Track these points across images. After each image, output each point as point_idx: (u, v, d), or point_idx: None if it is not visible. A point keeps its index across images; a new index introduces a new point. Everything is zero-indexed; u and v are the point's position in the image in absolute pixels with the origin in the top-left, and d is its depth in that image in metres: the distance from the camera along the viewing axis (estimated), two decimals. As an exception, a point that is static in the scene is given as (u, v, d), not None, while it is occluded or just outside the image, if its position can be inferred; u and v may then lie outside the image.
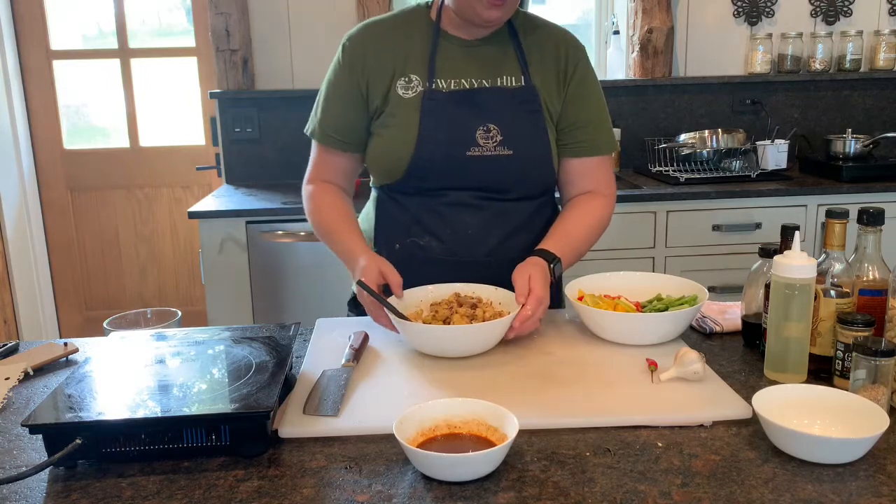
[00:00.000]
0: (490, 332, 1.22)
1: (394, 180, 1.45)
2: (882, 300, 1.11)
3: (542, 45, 1.48)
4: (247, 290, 2.78)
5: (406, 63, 1.42)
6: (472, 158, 1.40)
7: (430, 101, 1.40)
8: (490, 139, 1.40)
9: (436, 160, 1.40)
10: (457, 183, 1.42)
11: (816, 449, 0.91)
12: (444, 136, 1.39)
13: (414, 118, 1.39)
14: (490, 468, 0.89)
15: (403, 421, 0.93)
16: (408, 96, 1.41)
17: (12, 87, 3.43)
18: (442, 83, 1.41)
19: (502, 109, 1.42)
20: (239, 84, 3.21)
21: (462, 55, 1.44)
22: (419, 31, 1.45)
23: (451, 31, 1.44)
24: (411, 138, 1.39)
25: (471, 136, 1.40)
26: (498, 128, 1.40)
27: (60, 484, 0.90)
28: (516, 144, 1.41)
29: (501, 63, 1.44)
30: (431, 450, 0.91)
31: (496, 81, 1.43)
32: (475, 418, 0.97)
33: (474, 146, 1.40)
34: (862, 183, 2.86)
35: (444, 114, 1.40)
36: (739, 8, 3.33)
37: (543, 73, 1.46)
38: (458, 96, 1.41)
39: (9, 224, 3.35)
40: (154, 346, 1.18)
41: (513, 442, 0.89)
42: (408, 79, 1.41)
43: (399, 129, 1.41)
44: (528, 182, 1.46)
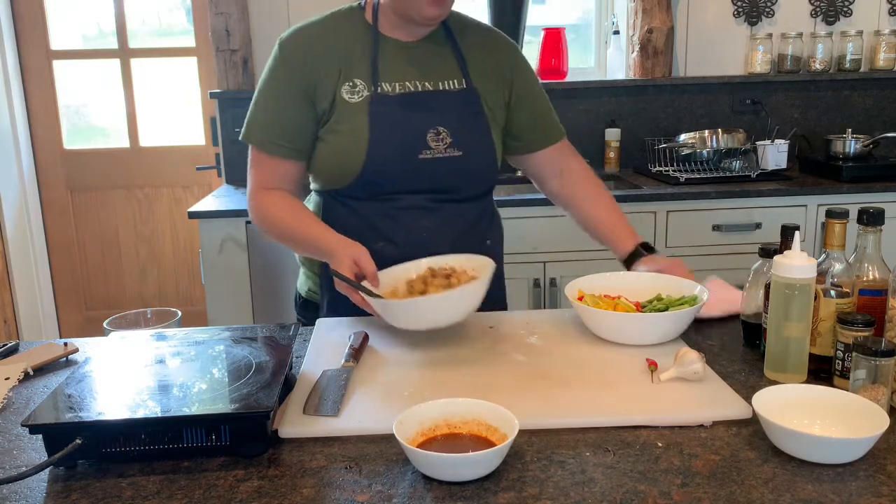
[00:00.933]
0: (467, 298, 1.22)
1: (343, 185, 1.43)
2: (882, 300, 1.11)
3: (479, 46, 1.50)
4: (247, 290, 2.78)
5: (349, 66, 1.41)
6: (424, 161, 1.41)
7: (378, 105, 1.40)
8: (441, 141, 1.41)
9: (388, 164, 1.40)
10: (410, 186, 1.43)
11: (816, 449, 0.91)
12: (395, 140, 1.40)
13: (363, 123, 1.39)
14: (490, 468, 0.89)
15: (403, 421, 0.93)
16: (354, 101, 1.40)
17: (12, 87, 3.43)
18: (387, 86, 1.41)
19: (449, 111, 1.43)
20: (239, 84, 3.21)
21: (403, 58, 1.44)
22: (357, 34, 1.44)
23: (388, 34, 1.44)
24: (362, 143, 1.38)
25: (422, 139, 1.40)
26: (447, 130, 1.41)
27: (60, 484, 0.90)
28: (465, 146, 1.43)
29: (441, 65, 1.45)
30: (431, 450, 0.91)
31: (438, 84, 1.44)
32: (475, 418, 0.97)
33: (426, 149, 1.40)
34: (862, 183, 2.87)
35: (394, 117, 1.40)
36: (739, 8, 3.34)
37: (483, 74, 1.48)
38: (405, 99, 1.41)
39: (9, 224, 3.35)
40: (154, 346, 1.18)
41: (513, 442, 0.89)
42: (352, 83, 1.41)
43: (348, 135, 1.39)
44: (477, 182, 1.49)
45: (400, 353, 1.26)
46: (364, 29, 1.44)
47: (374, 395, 1.10)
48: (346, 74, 1.41)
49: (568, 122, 3.34)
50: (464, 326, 1.37)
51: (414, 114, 1.41)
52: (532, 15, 3.31)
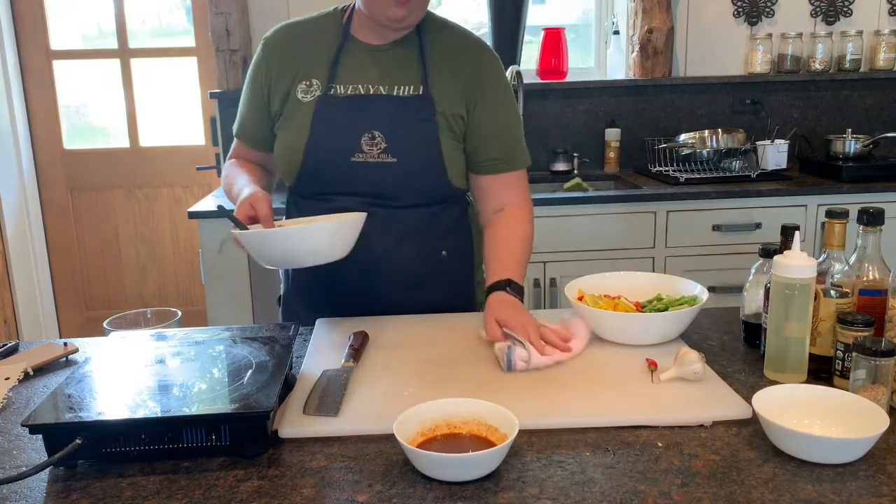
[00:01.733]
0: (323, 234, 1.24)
1: (290, 182, 1.49)
2: (882, 300, 1.11)
3: (450, 51, 1.45)
4: (247, 290, 2.78)
5: (310, 67, 1.43)
6: (356, 164, 1.41)
7: (325, 105, 1.41)
8: (374, 146, 1.40)
9: (323, 165, 1.42)
10: (346, 188, 1.43)
11: (816, 449, 0.91)
12: (331, 142, 1.41)
13: (306, 122, 1.41)
14: (490, 468, 0.89)
15: (403, 421, 0.93)
16: (305, 100, 1.42)
17: (12, 87, 3.43)
18: (340, 88, 1.42)
19: (390, 117, 1.40)
20: (239, 84, 3.21)
21: (366, 61, 1.44)
22: (328, 36, 1.46)
23: (360, 37, 1.45)
24: (302, 142, 1.41)
25: (356, 143, 1.40)
26: (383, 135, 1.40)
27: (60, 484, 0.90)
28: (401, 152, 1.40)
29: (402, 70, 1.43)
30: (431, 450, 0.91)
31: (392, 89, 1.42)
32: (475, 418, 0.97)
33: (359, 152, 1.41)
34: (862, 183, 2.86)
35: (335, 119, 1.41)
36: (739, 8, 3.33)
37: (446, 81, 1.43)
38: (350, 102, 1.41)
39: (9, 224, 3.35)
40: (154, 346, 1.18)
41: (513, 442, 0.89)
42: (308, 82, 1.43)
43: (293, 132, 1.43)
44: (418, 190, 1.44)
45: (400, 353, 1.26)
46: (336, 30, 1.46)
47: (374, 395, 1.10)
48: (305, 74, 1.43)
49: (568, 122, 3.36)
50: (464, 327, 1.37)
51: (354, 117, 1.41)
52: (532, 15, 3.30)
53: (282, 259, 1.25)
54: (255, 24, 3.24)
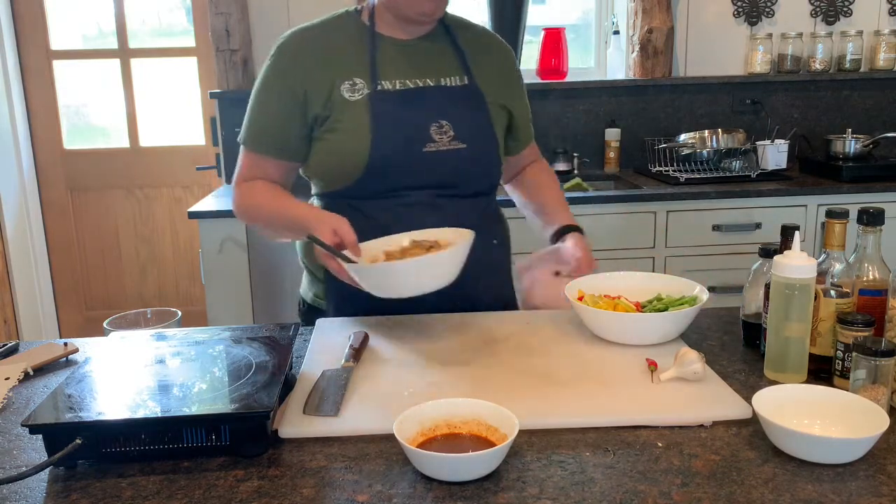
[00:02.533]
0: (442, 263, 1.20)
1: (347, 184, 1.42)
2: (882, 300, 1.11)
3: (478, 46, 1.52)
4: (247, 290, 2.78)
5: (347, 67, 1.42)
6: (428, 154, 1.40)
7: (379, 101, 1.40)
8: (444, 134, 1.41)
9: (393, 158, 1.39)
10: (415, 181, 1.42)
11: (816, 449, 0.91)
12: (398, 134, 1.39)
13: (364, 119, 1.39)
14: (490, 468, 0.89)
15: (403, 421, 0.93)
16: (354, 99, 1.40)
17: (12, 87, 3.43)
18: (387, 84, 1.42)
19: (450, 106, 1.44)
20: (239, 84, 3.21)
21: (402, 56, 1.44)
22: (353, 36, 1.45)
23: (386, 34, 1.45)
24: (364, 139, 1.38)
25: (425, 132, 1.40)
26: (449, 123, 1.42)
27: (60, 484, 0.90)
28: (469, 138, 1.43)
29: (441, 63, 1.46)
30: (431, 450, 0.91)
31: (439, 80, 1.45)
32: (475, 418, 0.97)
33: (430, 142, 1.40)
34: (862, 183, 2.87)
35: (396, 112, 1.40)
36: (739, 8, 3.34)
37: (485, 72, 1.49)
38: (406, 95, 1.42)
39: (9, 224, 3.35)
40: (154, 346, 1.18)
41: (513, 442, 0.89)
42: (352, 82, 1.41)
43: (350, 132, 1.40)
44: (480, 176, 1.49)
45: (400, 353, 1.26)
46: (360, 30, 1.45)
47: (374, 395, 1.10)
48: (345, 74, 1.41)
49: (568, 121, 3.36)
50: (464, 327, 1.37)
51: (416, 108, 1.41)
52: (532, 15, 3.31)
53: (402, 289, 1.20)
54: (255, 24, 3.25)
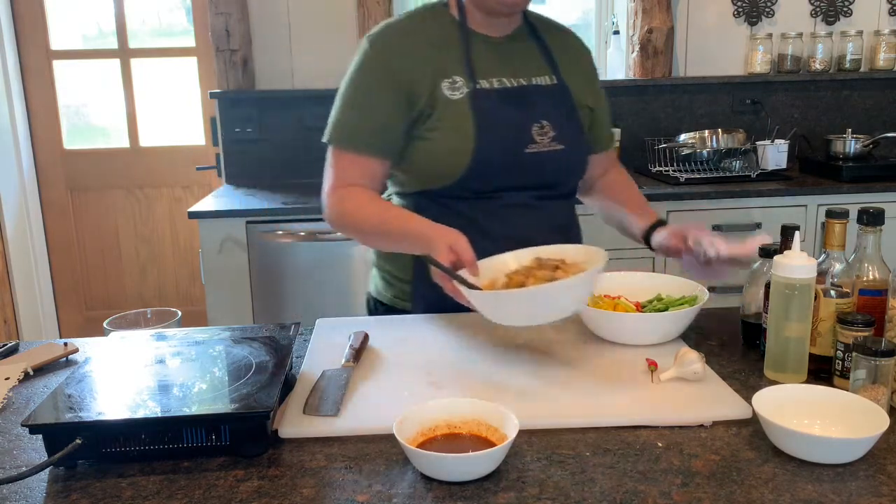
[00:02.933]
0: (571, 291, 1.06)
1: (445, 184, 1.40)
2: (882, 300, 1.11)
3: (562, 45, 1.52)
4: (247, 290, 2.78)
5: (446, 64, 1.39)
6: (529, 155, 1.40)
7: (481, 100, 1.38)
8: (544, 135, 1.41)
9: (495, 159, 1.38)
10: (514, 182, 1.41)
11: (816, 449, 0.91)
12: (501, 135, 1.38)
13: (467, 119, 1.37)
14: (490, 468, 0.89)
15: (403, 421, 0.93)
16: (455, 97, 1.38)
17: (12, 87, 3.43)
18: (484, 83, 1.40)
19: (548, 106, 1.43)
20: (239, 84, 3.21)
21: (494, 54, 1.43)
22: (447, 31, 1.43)
23: (477, 30, 1.43)
24: (468, 139, 1.36)
25: (527, 133, 1.40)
26: (550, 123, 1.42)
27: (60, 484, 0.90)
28: (566, 139, 1.44)
29: (531, 62, 1.46)
30: (431, 450, 0.91)
31: (532, 80, 1.44)
32: (475, 418, 0.97)
33: (531, 143, 1.40)
34: (862, 183, 2.86)
35: (498, 112, 1.39)
36: (739, 8, 3.34)
37: (571, 72, 1.49)
38: (506, 94, 1.41)
39: (9, 224, 3.35)
40: (154, 346, 1.18)
41: (513, 442, 0.89)
42: (452, 80, 1.38)
43: (452, 132, 1.37)
44: (575, 177, 1.51)
45: (400, 353, 1.26)
46: (453, 26, 1.43)
47: (374, 395, 1.10)
48: (444, 71, 1.39)
49: (568, 122, 3.34)
50: (464, 326, 1.37)
51: (517, 108, 1.40)
52: (532, 15, 3.30)
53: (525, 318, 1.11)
54: (255, 24, 3.25)
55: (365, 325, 1.36)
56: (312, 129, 3.23)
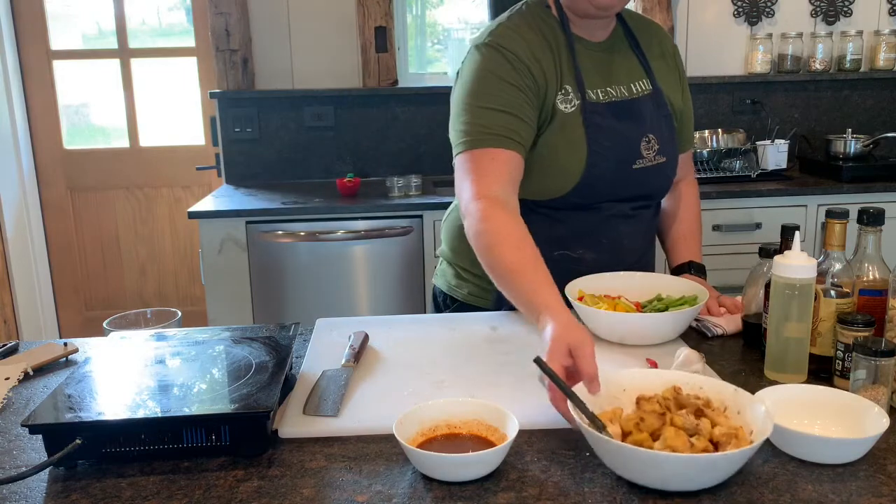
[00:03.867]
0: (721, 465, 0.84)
1: (556, 196, 1.37)
2: (882, 300, 1.11)
3: (654, 43, 1.49)
4: (247, 290, 2.78)
5: (559, 73, 1.36)
6: (637, 171, 1.40)
7: (591, 114, 1.35)
8: (650, 149, 1.40)
9: (605, 177, 1.37)
10: (617, 195, 1.41)
11: (816, 449, 0.91)
12: (615, 152, 1.37)
13: (580, 133, 1.34)
14: (490, 468, 0.89)
15: (403, 421, 0.93)
16: (567, 110, 1.35)
17: (12, 87, 3.43)
18: (591, 94, 1.37)
19: (652, 118, 1.42)
20: (239, 84, 3.21)
21: (595, 61, 1.40)
22: (554, 36, 1.38)
23: (578, 33, 1.40)
24: (581, 156, 1.34)
25: (636, 149, 1.39)
26: (656, 137, 1.41)
27: (60, 484, 0.90)
28: (668, 151, 1.44)
29: (628, 68, 1.44)
30: (431, 450, 0.91)
31: (631, 88, 1.42)
32: (475, 418, 0.97)
33: (639, 158, 1.39)
34: (862, 183, 2.86)
35: (610, 129, 1.36)
36: (739, 8, 3.34)
37: (663, 74, 1.48)
38: (616, 109, 1.38)
39: (9, 224, 3.35)
40: (154, 346, 1.18)
41: (513, 442, 0.89)
42: (564, 91, 1.35)
43: (568, 147, 1.34)
44: (670, 185, 1.52)
45: (400, 353, 1.26)
46: (558, 29, 1.39)
47: (374, 395, 1.10)
48: (560, 80, 1.36)
49: (568, 122, 3.34)
50: (465, 326, 1.37)
51: (626, 123, 1.38)
52: (532, 15, 3.30)
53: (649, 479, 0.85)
54: (255, 24, 3.24)
55: (365, 325, 1.36)
56: (312, 129, 3.24)
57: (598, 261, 1.43)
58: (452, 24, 3.75)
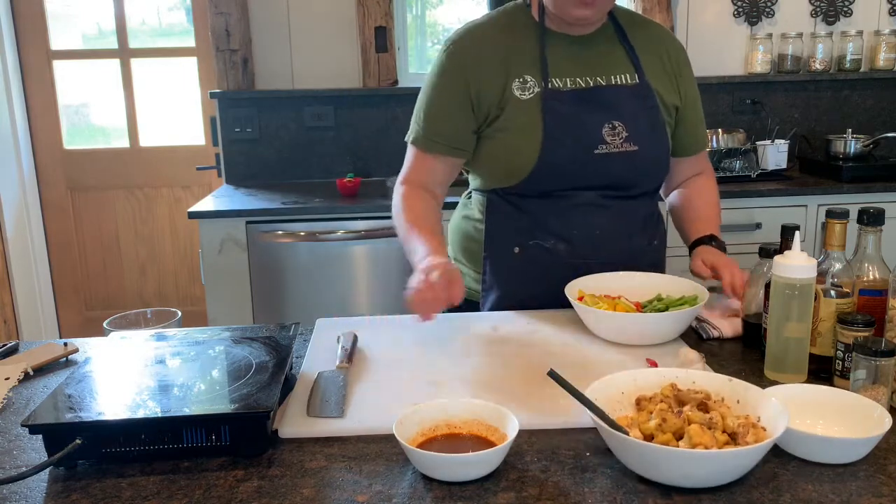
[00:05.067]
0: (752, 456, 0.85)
1: (514, 183, 1.42)
2: (882, 300, 1.11)
3: (650, 41, 1.49)
4: (247, 290, 2.78)
5: (518, 64, 1.41)
6: (598, 157, 1.39)
7: (551, 100, 1.38)
8: (616, 136, 1.40)
9: (562, 160, 1.39)
10: (583, 182, 1.41)
11: (820, 449, 0.91)
12: (570, 136, 1.38)
13: (536, 119, 1.38)
14: (490, 468, 0.89)
15: (403, 421, 0.93)
16: (525, 97, 1.39)
17: (12, 87, 3.42)
18: (557, 82, 1.40)
19: (623, 106, 1.42)
20: (239, 84, 3.21)
21: (572, 53, 1.43)
22: (524, 31, 1.44)
23: (556, 28, 1.43)
24: (536, 140, 1.37)
25: (597, 134, 1.39)
26: (623, 124, 1.40)
27: (60, 484, 0.90)
28: (642, 140, 1.42)
29: (612, 60, 1.45)
30: (431, 450, 0.91)
31: (611, 79, 1.43)
32: (475, 418, 0.97)
33: (602, 144, 1.39)
34: (862, 183, 2.86)
35: (568, 113, 1.39)
36: (739, 8, 3.33)
37: (656, 71, 1.48)
38: (578, 95, 1.40)
39: (9, 224, 3.35)
40: (154, 346, 1.18)
41: (513, 442, 0.89)
42: (522, 79, 1.40)
43: (521, 132, 1.39)
44: (650, 178, 1.49)
45: (399, 353, 1.26)
46: (531, 25, 1.44)
47: (374, 396, 1.10)
48: (516, 71, 1.40)
49: (568, 122, 3.34)
50: (465, 326, 1.37)
51: (588, 108, 1.40)
52: (532, 15, 3.30)
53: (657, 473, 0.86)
54: (255, 24, 3.24)
55: (365, 325, 1.36)
56: (312, 129, 3.24)
57: (573, 252, 1.43)
58: (452, 24, 3.75)
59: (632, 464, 0.88)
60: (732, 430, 0.89)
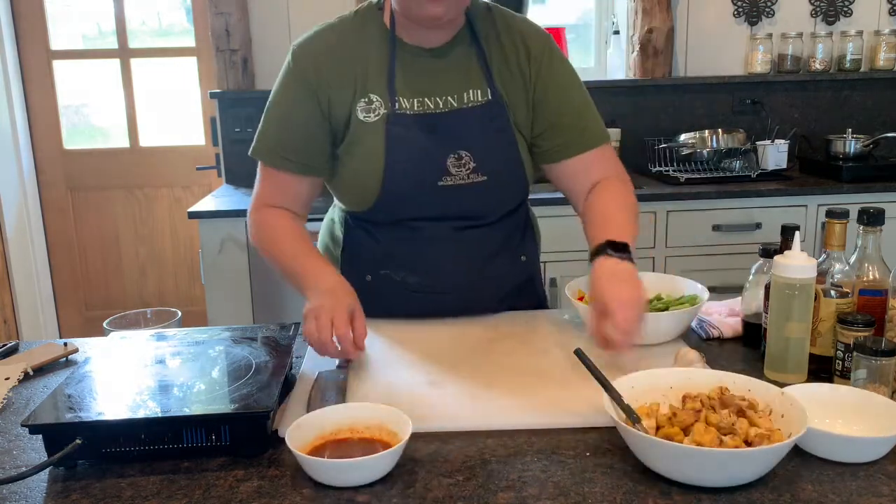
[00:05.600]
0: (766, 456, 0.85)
1: (362, 210, 1.35)
2: (882, 300, 1.11)
3: (504, 44, 1.35)
4: (247, 290, 2.78)
5: (365, 79, 1.30)
6: (444, 188, 1.30)
7: (395, 125, 1.28)
8: (462, 167, 1.30)
9: (405, 192, 1.30)
10: (431, 213, 1.33)
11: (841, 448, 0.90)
12: (413, 167, 1.29)
13: (379, 146, 1.28)
14: (383, 472, 0.89)
15: (301, 424, 0.93)
16: (370, 120, 1.28)
17: (12, 87, 3.43)
18: (405, 102, 1.29)
19: (472, 134, 1.31)
20: (239, 84, 3.21)
21: (423, 68, 1.31)
22: (374, 40, 1.31)
23: (407, 39, 1.31)
24: (378, 169, 1.28)
25: (441, 166, 1.29)
26: (470, 154, 1.30)
27: (60, 484, 0.90)
28: (490, 169, 1.32)
29: (466, 74, 1.32)
30: (325, 454, 0.91)
31: (462, 98, 1.31)
32: (378, 423, 0.96)
33: (446, 175, 1.30)
34: (862, 183, 2.86)
35: (412, 142, 1.29)
36: (739, 8, 3.33)
37: (507, 77, 1.34)
38: (424, 121, 1.29)
39: (9, 224, 3.35)
40: (154, 346, 1.18)
41: (404, 446, 0.89)
42: (368, 99, 1.29)
43: (365, 159, 1.29)
44: (506, 202, 1.39)
45: (398, 353, 1.26)
46: (382, 34, 1.32)
47: (373, 396, 1.10)
48: (362, 89, 1.29)
49: (568, 122, 3.34)
50: (464, 326, 1.37)
51: (433, 137, 1.29)
52: (532, 15, 3.30)
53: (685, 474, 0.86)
54: (255, 24, 3.24)
55: (365, 325, 1.36)
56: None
57: (422, 284, 1.37)
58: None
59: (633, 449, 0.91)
60: (752, 440, 0.88)
